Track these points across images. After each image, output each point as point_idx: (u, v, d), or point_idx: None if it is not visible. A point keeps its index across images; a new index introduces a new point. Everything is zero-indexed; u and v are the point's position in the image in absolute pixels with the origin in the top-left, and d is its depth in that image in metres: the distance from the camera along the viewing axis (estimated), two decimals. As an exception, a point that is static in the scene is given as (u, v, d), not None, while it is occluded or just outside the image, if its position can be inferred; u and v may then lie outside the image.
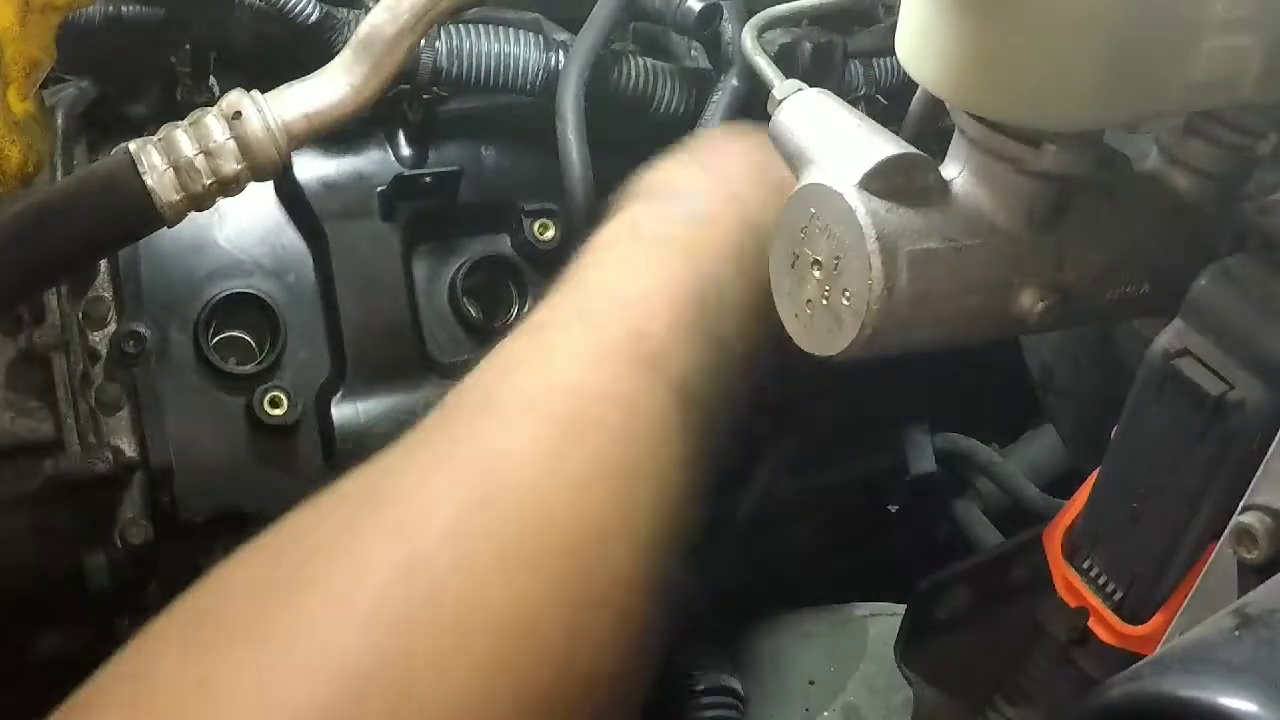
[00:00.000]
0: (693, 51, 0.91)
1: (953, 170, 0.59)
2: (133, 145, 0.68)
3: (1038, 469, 0.97)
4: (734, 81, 0.83)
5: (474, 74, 0.85)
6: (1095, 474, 0.60)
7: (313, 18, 0.81)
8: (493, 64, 0.85)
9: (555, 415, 0.56)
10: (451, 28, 0.84)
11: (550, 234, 0.89)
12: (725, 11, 0.84)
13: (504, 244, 0.90)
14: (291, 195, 0.86)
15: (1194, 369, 0.53)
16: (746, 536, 0.83)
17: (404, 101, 0.86)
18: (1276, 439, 0.49)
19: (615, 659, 0.52)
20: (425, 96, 0.86)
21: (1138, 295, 0.61)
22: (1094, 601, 0.59)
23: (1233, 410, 0.51)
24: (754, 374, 0.66)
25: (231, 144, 0.68)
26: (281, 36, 0.81)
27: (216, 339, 0.84)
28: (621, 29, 0.91)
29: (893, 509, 0.92)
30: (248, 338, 0.85)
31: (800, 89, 0.65)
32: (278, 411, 0.82)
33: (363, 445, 0.83)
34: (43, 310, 0.78)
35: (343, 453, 0.83)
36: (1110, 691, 0.41)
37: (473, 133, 0.90)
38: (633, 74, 0.87)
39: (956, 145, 0.59)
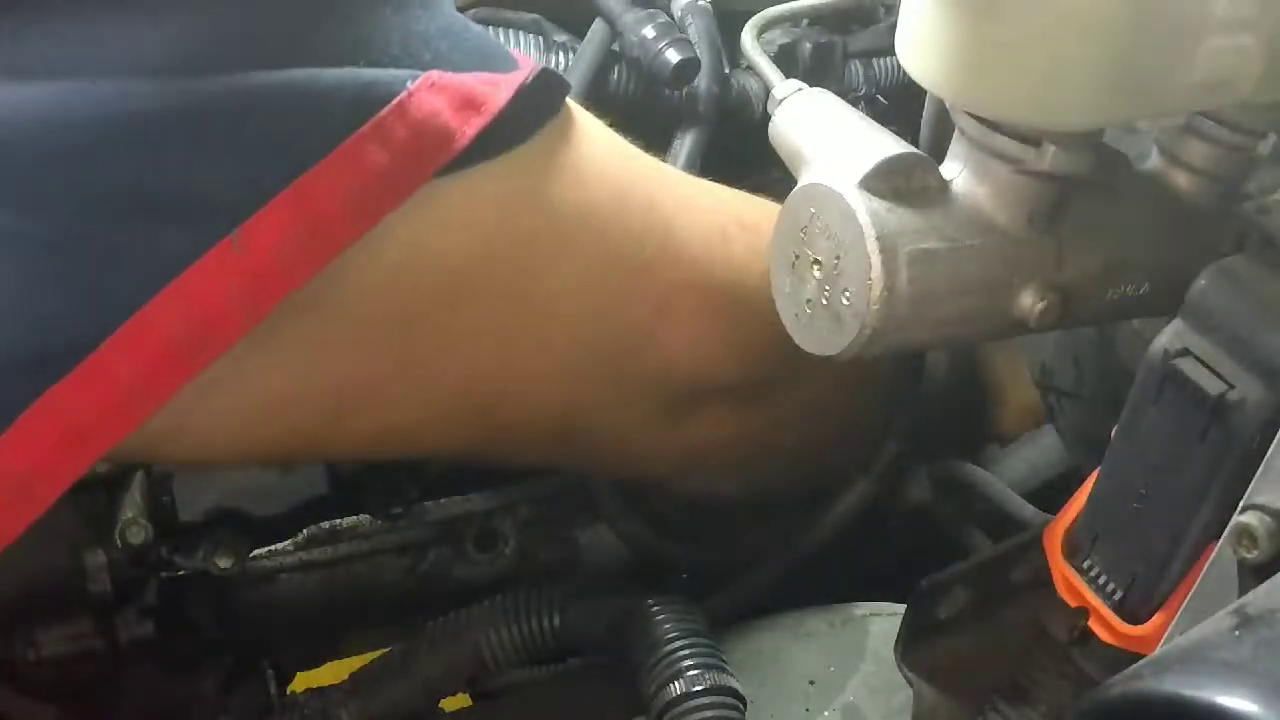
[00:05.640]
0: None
1: (952, 170, 0.59)
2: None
3: (1037, 469, 0.96)
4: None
5: (474, 74, 0.84)
6: (1095, 474, 0.60)
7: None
8: (493, 64, 0.84)
9: None
10: (452, 28, 0.84)
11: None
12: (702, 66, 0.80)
13: None
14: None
15: (1194, 369, 0.53)
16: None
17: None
18: (1276, 439, 0.49)
19: None
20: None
21: (1138, 295, 0.61)
22: (1094, 601, 0.59)
23: (1233, 410, 0.51)
24: None
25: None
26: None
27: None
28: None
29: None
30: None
31: (800, 89, 0.65)
32: (278, 411, 0.82)
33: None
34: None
35: (343, 453, 0.83)
36: (1110, 691, 0.41)
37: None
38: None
39: (956, 145, 0.59)
